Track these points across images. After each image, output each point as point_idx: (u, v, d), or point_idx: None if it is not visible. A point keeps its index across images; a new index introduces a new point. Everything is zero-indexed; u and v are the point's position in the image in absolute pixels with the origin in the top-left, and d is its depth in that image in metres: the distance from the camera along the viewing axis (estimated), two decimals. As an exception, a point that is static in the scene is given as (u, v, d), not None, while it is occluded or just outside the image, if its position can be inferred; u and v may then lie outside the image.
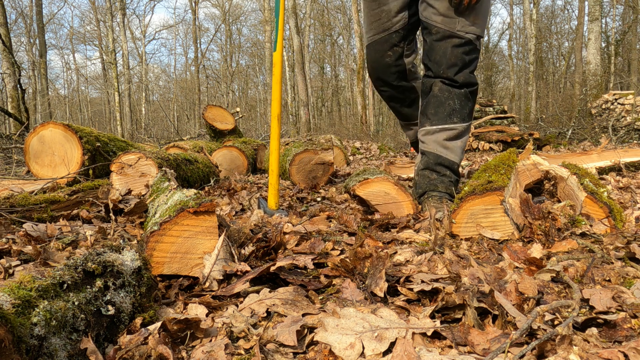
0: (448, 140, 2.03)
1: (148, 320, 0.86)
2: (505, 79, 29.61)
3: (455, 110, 2.00)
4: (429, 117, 2.05)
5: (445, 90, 2.00)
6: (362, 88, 16.93)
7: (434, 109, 2.03)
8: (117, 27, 22.48)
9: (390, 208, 1.91)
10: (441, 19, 1.97)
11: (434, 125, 2.03)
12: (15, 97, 9.14)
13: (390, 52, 2.17)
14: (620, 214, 1.53)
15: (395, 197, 1.91)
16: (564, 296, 0.99)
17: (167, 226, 1.11)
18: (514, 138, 7.52)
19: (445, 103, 2.01)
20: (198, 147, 4.07)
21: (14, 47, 21.50)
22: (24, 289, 0.71)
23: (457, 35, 1.97)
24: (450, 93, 2.00)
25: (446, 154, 2.03)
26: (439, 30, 1.99)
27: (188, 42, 36.15)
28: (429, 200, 1.93)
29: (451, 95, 2.00)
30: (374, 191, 1.93)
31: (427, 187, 2.00)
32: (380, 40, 2.16)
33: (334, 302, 1.00)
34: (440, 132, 2.03)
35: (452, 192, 1.99)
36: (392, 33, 2.15)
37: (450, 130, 2.02)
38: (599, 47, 11.24)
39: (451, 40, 1.98)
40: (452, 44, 1.97)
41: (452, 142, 2.04)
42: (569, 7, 27.62)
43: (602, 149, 3.48)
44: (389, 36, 2.15)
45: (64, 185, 2.46)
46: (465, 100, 2.02)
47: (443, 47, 1.99)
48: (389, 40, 2.16)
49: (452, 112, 2.01)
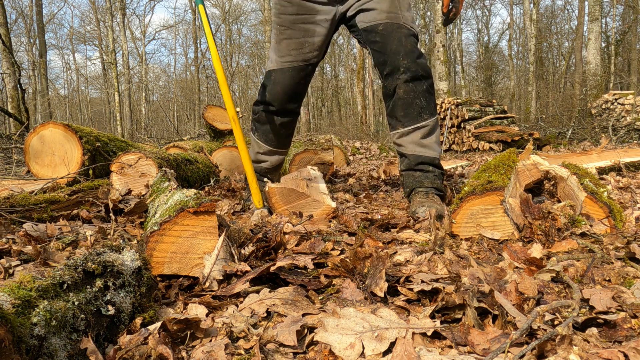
0: (423, 138, 2.07)
1: (148, 320, 0.86)
2: (505, 79, 29.62)
3: (423, 107, 2.04)
4: (400, 119, 2.07)
5: (410, 90, 2.02)
6: (362, 88, 16.93)
7: (403, 111, 2.05)
8: (117, 27, 22.48)
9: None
10: (386, 15, 2.03)
11: (407, 127, 2.07)
12: (15, 97, 9.14)
13: (303, 81, 2.23)
14: (620, 214, 1.53)
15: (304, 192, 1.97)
16: (564, 296, 0.99)
17: (167, 226, 1.11)
18: (514, 138, 7.51)
19: (413, 103, 2.03)
20: (198, 147, 4.07)
21: (14, 47, 21.50)
22: (24, 289, 0.71)
23: (404, 26, 2.04)
24: (415, 92, 2.02)
25: (425, 152, 2.07)
26: (387, 24, 2.03)
27: (188, 42, 36.17)
28: (415, 196, 1.98)
29: (417, 95, 2.02)
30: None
31: (414, 185, 2.06)
32: (298, 68, 2.19)
33: (334, 302, 1.00)
34: (415, 132, 2.07)
35: (438, 186, 2.04)
36: (310, 64, 2.21)
37: (424, 128, 2.06)
38: (599, 47, 11.24)
39: (401, 30, 2.02)
40: (403, 34, 2.02)
41: (428, 139, 2.08)
42: (569, 7, 27.63)
43: (602, 149, 3.48)
44: (306, 66, 2.20)
45: (64, 185, 2.46)
46: (429, 95, 2.06)
47: (396, 36, 2.01)
48: (305, 70, 2.21)
49: (422, 110, 2.04)
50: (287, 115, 2.31)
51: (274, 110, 2.28)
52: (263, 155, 2.43)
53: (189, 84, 33.28)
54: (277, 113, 2.29)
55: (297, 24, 2.14)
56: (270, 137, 2.35)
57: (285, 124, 2.33)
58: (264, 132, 2.35)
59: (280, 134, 2.35)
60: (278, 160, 2.46)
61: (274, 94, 2.23)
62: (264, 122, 2.33)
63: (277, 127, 2.32)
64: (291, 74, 2.20)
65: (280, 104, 2.25)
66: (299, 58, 2.18)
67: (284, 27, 2.17)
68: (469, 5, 30.10)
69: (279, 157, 2.46)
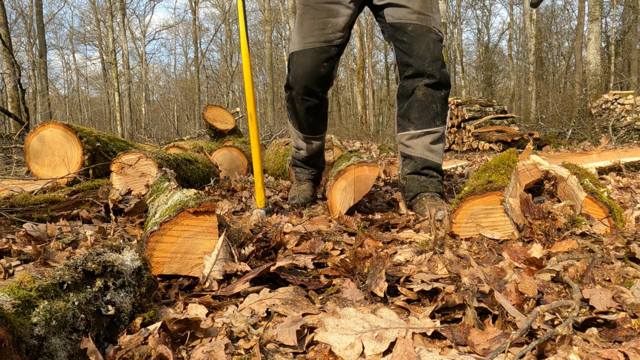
0: (433, 143, 2.06)
1: (148, 320, 0.86)
2: (505, 79, 29.61)
3: (437, 113, 2.03)
4: (413, 121, 2.05)
5: (429, 94, 2.01)
6: (362, 88, 16.92)
7: (417, 113, 2.04)
8: (117, 27, 22.48)
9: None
10: (417, 17, 1.99)
11: (419, 129, 2.04)
12: (15, 97, 9.14)
13: (326, 64, 2.14)
14: (620, 214, 1.53)
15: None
16: (564, 296, 0.99)
17: (167, 226, 1.11)
18: (514, 138, 7.51)
19: (430, 107, 2.02)
20: (198, 147, 4.07)
21: (14, 47, 21.50)
22: (24, 289, 0.71)
23: (434, 30, 2.01)
24: (433, 97, 2.01)
25: (432, 158, 2.07)
26: (417, 26, 1.99)
27: (188, 42, 36.17)
28: (424, 200, 1.97)
29: (434, 100, 2.02)
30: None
31: (419, 190, 2.03)
32: (320, 50, 2.11)
33: (334, 302, 1.00)
34: (426, 136, 2.05)
35: (441, 191, 2.06)
36: (332, 46, 2.12)
37: (434, 134, 2.06)
38: (599, 47, 11.23)
39: (430, 35, 1.99)
40: (432, 39, 1.99)
41: (436, 146, 2.08)
42: (569, 7, 27.62)
43: (602, 149, 3.48)
44: (328, 48, 2.11)
45: (64, 185, 2.46)
46: (445, 104, 2.06)
47: (425, 41, 1.98)
48: (328, 52, 2.12)
49: (436, 116, 2.03)
50: (310, 99, 2.21)
51: (295, 95, 2.21)
52: (300, 142, 2.40)
53: (189, 84, 33.28)
54: (299, 97, 2.21)
55: (321, 3, 2.09)
56: (302, 125, 2.31)
57: (311, 109, 2.24)
58: (295, 118, 2.31)
59: (307, 119, 2.28)
60: (312, 149, 2.40)
61: (295, 76, 2.17)
62: (291, 108, 2.30)
63: (302, 112, 2.25)
64: (312, 55, 2.12)
65: (302, 87, 2.17)
66: (321, 39, 2.11)
67: (308, 6, 2.11)
68: (469, 5, 30.11)
69: (313, 145, 2.39)
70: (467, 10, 31.22)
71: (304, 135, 2.36)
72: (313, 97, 2.20)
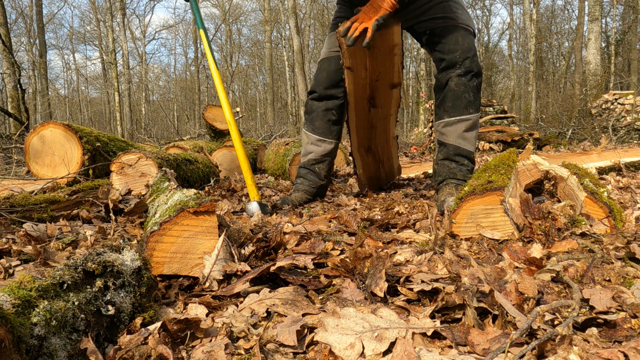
0: (466, 131, 2.17)
1: (148, 320, 0.86)
2: (505, 79, 29.61)
3: (470, 102, 2.15)
4: (447, 110, 2.18)
5: (461, 84, 2.13)
6: (362, 88, 16.86)
7: (451, 102, 2.16)
8: (117, 27, 22.47)
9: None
10: (442, 20, 2.17)
11: (453, 117, 2.16)
12: (15, 97, 9.14)
13: None
14: (620, 214, 1.53)
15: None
16: (564, 296, 0.99)
17: (167, 226, 1.11)
18: (514, 138, 7.51)
19: (462, 96, 2.14)
20: (198, 147, 4.07)
21: (14, 47, 21.49)
22: (24, 289, 0.71)
23: (461, 26, 2.16)
24: (465, 87, 2.13)
25: (464, 145, 2.17)
26: (444, 27, 2.16)
27: (188, 42, 36.15)
28: (445, 187, 2.08)
29: (467, 89, 2.13)
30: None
31: (447, 175, 2.15)
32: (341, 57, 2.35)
33: (334, 302, 1.00)
34: (459, 124, 2.16)
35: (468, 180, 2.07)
36: None
37: (467, 121, 2.16)
38: (599, 47, 11.23)
39: (459, 31, 2.15)
40: (461, 34, 2.15)
41: (469, 133, 2.18)
42: (569, 7, 27.62)
43: (602, 149, 3.48)
44: None
45: (64, 185, 2.46)
46: (477, 92, 2.17)
47: (454, 36, 2.14)
48: None
49: (468, 104, 2.15)
50: (330, 100, 2.41)
51: (317, 97, 2.43)
52: (310, 146, 2.50)
53: (189, 84, 33.28)
54: (320, 99, 2.43)
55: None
56: (316, 125, 2.46)
57: (329, 110, 2.43)
58: (311, 121, 2.48)
59: (325, 120, 2.44)
60: (324, 150, 2.49)
61: (319, 79, 2.42)
62: (310, 111, 2.48)
63: (321, 113, 2.44)
64: (335, 60, 2.34)
65: (324, 89, 2.40)
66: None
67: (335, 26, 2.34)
68: (469, 5, 30.08)
69: (326, 148, 2.48)
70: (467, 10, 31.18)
71: (316, 137, 2.47)
72: (333, 98, 2.41)
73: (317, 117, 2.45)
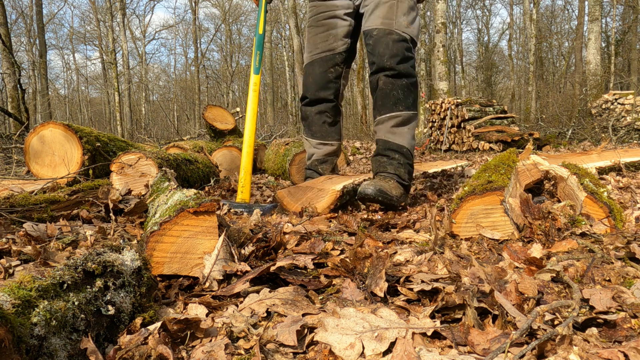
0: (395, 126, 2.21)
1: (148, 320, 0.86)
2: (505, 79, 29.62)
3: (399, 99, 2.19)
4: (378, 108, 2.24)
5: (388, 82, 2.19)
6: (362, 88, 16.92)
7: (381, 101, 2.22)
8: (117, 27, 22.47)
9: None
10: (381, 21, 2.21)
11: (383, 114, 2.23)
12: (15, 97, 9.14)
13: (332, 69, 2.42)
14: (620, 214, 1.53)
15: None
16: (564, 296, 0.99)
17: (167, 226, 1.11)
18: (514, 138, 7.51)
19: (390, 94, 2.19)
20: (198, 147, 4.07)
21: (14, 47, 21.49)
22: (24, 289, 0.71)
23: (395, 32, 2.20)
24: (393, 85, 2.18)
25: (393, 139, 2.21)
26: (380, 30, 2.21)
27: (188, 42, 36.15)
28: (373, 180, 2.11)
29: (394, 87, 2.19)
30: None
31: (377, 169, 2.20)
32: (326, 58, 2.41)
33: (334, 302, 1.00)
34: (388, 120, 2.22)
35: (400, 174, 2.15)
36: (337, 53, 2.41)
37: (397, 118, 2.20)
38: (599, 47, 11.23)
39: (391, 36, 2.20)
40: (392, 39, 2.19)
41: (399, 128, 2.22)
42: (569, 7, 27.62)
43: (602, 149, 3.48)
44: (333, 55, 2.41)
45: (64, 185, 2.46)
46: (407, 91, 2.20)
47: (385, 41, 2.20)
48: (333, 59, 2.41)
49: (397, 102, 2.19)
50: (322, 104, 2.45)
51: (309, 102, 2.47)
52: (312, 149, 2.55)
53: (189, 84, 33.27)
54: (311, 103, 2.47)
55: (321, 20, 2.42)
56: (313, 130, 2.50)
57: (323, 112, 2.47)
58: (308, 126, 2.52)
59: (320, 123, 2.48)
60: (326, 152, 2.53)
61: (307, 84, 2.46)
62: (305, 117, 2.52)
63: (315, 117, 2.48)
64: (319, 63, 2.41)
65: (313, 94, 2.44)
66: (325, 49, 2.41)
67: (311, 27, 2.45)
68: (469, 5, 30.11)
69: (327, 149, 2.53)
70: (467, 10, 31.24)
71: (316, 141, 2.51)
72: (323, 101, 2.44)
73: (312, 122, 2.48)
